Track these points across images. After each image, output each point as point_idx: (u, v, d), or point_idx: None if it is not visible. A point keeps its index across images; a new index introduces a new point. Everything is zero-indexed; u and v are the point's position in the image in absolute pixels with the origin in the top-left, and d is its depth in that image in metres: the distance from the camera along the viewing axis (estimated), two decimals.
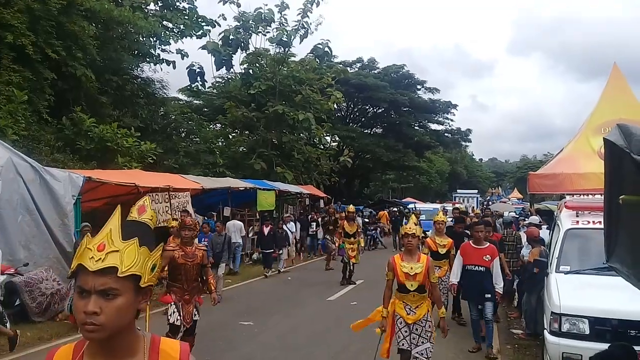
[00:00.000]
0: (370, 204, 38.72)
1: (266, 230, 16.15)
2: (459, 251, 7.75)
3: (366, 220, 25.84)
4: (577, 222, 6.90)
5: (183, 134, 23.88)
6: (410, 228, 5.69)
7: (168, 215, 13.11)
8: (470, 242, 7.64)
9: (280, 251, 16.29)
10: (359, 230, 15.11)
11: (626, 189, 2.76)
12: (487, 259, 7.33)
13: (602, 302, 5.52)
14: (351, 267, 14.23)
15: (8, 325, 8.19)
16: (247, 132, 26.83)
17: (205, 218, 14.95)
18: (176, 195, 13.51)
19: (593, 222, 6.52)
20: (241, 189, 17.86)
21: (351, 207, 15.58)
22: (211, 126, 27.63)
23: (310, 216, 21.79)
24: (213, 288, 6.80)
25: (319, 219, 21.57)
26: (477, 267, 7.37)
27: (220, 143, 26.37)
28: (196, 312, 6.57)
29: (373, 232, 25.10)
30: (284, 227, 17.37)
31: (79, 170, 12.24)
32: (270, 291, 13.27)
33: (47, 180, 10.16)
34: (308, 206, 25.39)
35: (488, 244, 7.60)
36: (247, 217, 18.74)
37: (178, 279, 6.43)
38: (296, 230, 19.34)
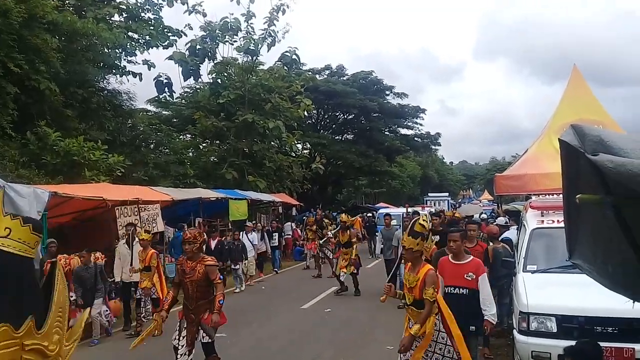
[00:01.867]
0: (343, 210, 38.81)
1: (213, 243, 14.74)
2: (437, 268, 5.90)
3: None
4: (542, 221, 7.03)
5: (152, 146, 23.60)
6: (404, 241, 5.50)
7: (138, 228, 12.94)
8: (449, 256, 5.99)
9: (237, 266, 14.88)
10: (352, 240, 13.77)
11: (582, 188, 2.84)
12: (469, 278, 5.74)
13: (568, 299, 5.63)
14: (353, 279, 13.52)
15: None
16: (217, 141, 26.68)
17: (176, 230, 14.80)
18: (146, 208, 13.33)
19: (558, 221, 6.65)
20: (212, 199, 17.75)
21: (344, 216, 14.79)
22: (181, 137, 27.37)
23: (270, 225, 20.51)
24: (215, 309, 6.07)
25: (290, 226, 21.24)
26: (457, 288, 5.78)
27: (190, 154, 26.14)
28: (204, 335, 6.02)
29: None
30: (244, 237, 16.25)
31: (45, 185, 12.00)
32: (243, 302, 13.19)
33: (12, 197, 9.87)
34: (282, 214, 25.35)
35: (470, 257, 5.98)
36: (220, 228, 18.59)
37: (185, 297, 6.14)
38: (260, 241, 17.80)
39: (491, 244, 8.80)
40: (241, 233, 16.50)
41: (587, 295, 5.30)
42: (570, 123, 7.76)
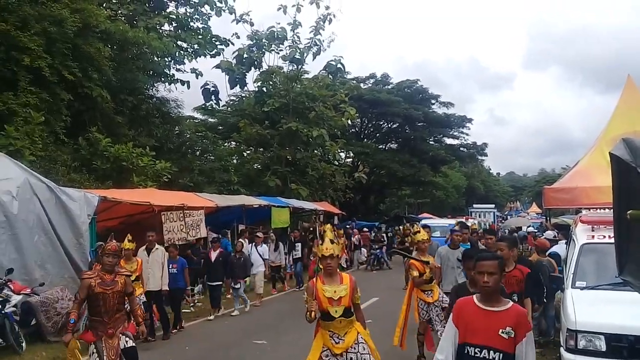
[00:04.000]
0: (386, 220, 38.55)
1: (214, 254, 12.36)
2: (451, 315, 3.77)
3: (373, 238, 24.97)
4: (593, 236, 6.79)
5: (198, 152, 24.06)
6: (327, 249, 5.02)
7: (183, 233, 13.17)
8: (474, 297, 3.65)
9: (237, 285, 12.48)
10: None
11: (634, 204, 2.73)
12: (506, 336, 3.44)
13: (618, 318, 5.42)
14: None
15: (24, 345, 8.25)
16: (261, 149, 26.96)
17: (219, 236, 14.98)
18: (190, 214, 13.57)
19: (609, 236, 6.40)
20: (255, 206, 17.89)
21: (327, 226, 14.10)
22: (226, 144, 27.81)
23: (292, 235, 18.37)
24: (140, 320, 6.08)
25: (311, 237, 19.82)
26: (486, 350, 3.47)
27: (234, 161, 26.50)
28: (127, 339, 5.81)
29: (377, 251, 23.44)
30: (252, 249, 14.33)
31: (94, 190, 12.38)
32: (284, 309, 13.22)
33: (63, 200, 10.28)
34: (322, 222, 25.32)
35: (509, 303, 3.58)
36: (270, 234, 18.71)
37: (97, 312, 5.69)
38: (275, 252, 15.93)
39: (537, 255, 8.59)
40: (246, 243, 14.55)
41: (638, 314, 5.09)
42: (623, 135, 7.48)
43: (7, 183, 9.52)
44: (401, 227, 24.68)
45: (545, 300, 7.44)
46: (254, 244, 14.61)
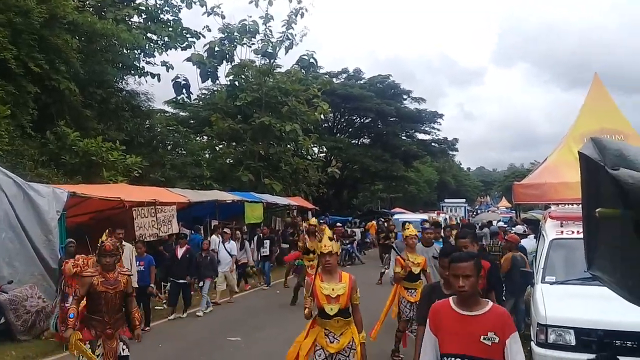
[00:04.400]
0: (359, 215, 38.73)
1: (180, 251, 11.92)
2: (427, 322, 3.45)
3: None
4: (562, 232, 6.94)
5: (169, 147, 23.75)
6: (326, 246, 5.01)
7: (155, 229, 13.03)
8: (451, 299, 3.39)
9: (201, 283, 12.26)
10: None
11: (602, 202, 2.79)
12: (489, 342, 3.16)
13: (587, 312, 5.54)
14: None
15: None
16: (233, 143, 26.79)
17: (192, 232, 14.84)
18: (162, 209, 13.42)
19: (577, 232, 6.55)
20: (228, 201, 17.79)
21: (313, 220, 13.91)
22: (197, 138, 27.54)
23: (261, 232, 17.72)
24: (137, 322, 5.90)
25: (281, 234, 19.90)
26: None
27: (207, 155, 26.28)
28: (124, 347, 5.70)
29: (348, 246, 23.15)
30: (220, 246, 13.82)
31: (63, 185, 12.13)
32: (257, 306, 13.18)
33: (31, 196, 10.06)
34: (296, 218, 25.33)
35: (489, 304, 3.31)
36: (235, 230, 18.62)
37: (98, 310, 5.55)
38: (240, 251, 15.29)
39: (509, 252, 8.71)
40: (219, 239, 14.27)
41: (607, 308, 5.21)
42: (591, 132, 7.69)
43: None
44: (386, 223, 24.34)
45: (511, 295, 7.60)
46: (221, 240, 14.13)
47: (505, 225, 15.81)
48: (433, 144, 44.33)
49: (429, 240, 8.31)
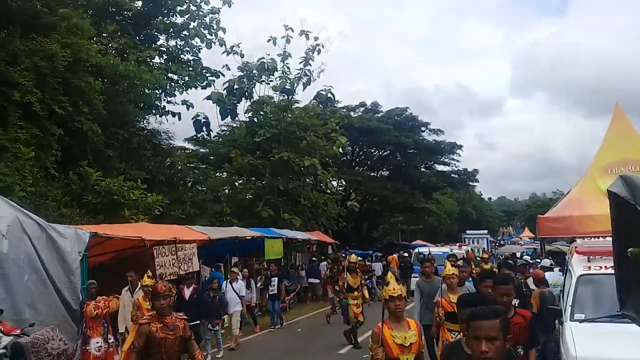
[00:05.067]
0: (379, 248, 38.41)
1: (187, 292, 11.43)
2: None
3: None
4: (589, 267, 6.77)
5: (189, 184, 24.00)
6: (394, 289, 4.70)
7: (175, 268, 13.01)
8: None
9: (216, 327, 11.78)
10: (362, 282, 12.94)
11: (633, 240, 2.72)
12: None
13: (618, 351, 5.35)
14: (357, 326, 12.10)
15: None
16: (253, 179, 26.93)
17: (212, 270, 14.79)
18: (183, 247, 13.42)
19: (605, 267, 6.39)
20: (248, 237, 17.76)
21: (353, 257, 13.45)
22: (217, 174, 27.77)
23: (269, 269, 16.83)
24: None
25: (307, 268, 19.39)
26: None
27: (226, 191, 26.44)
28: None
29: (367, 281, 21.08)
30: (227, 286, 13.17)
31: (85, 225, 12.25)
32: (277, 345, 12.99)
33: (54, 238, 10.13)
34: (316, 252, 25.20)
35: None
36: (255, 267, 18.56)
37: (157, 358, 5.23)
38: (247, 290, 14.36)
39: (536, 288, 8.52)
40: (221, 282, 13.69)
41: (638, 347, 5.03)
42: (615, 163, 7.55)
43: None
44: (424, 254, 23.16)
45: (540, 333, 7.33)
46: (228, 280, 13.58)
47: (531, 261, 15.38)
48: (453, 175, 44.10)
49: (462, 279, 7.78)
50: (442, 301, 7.15)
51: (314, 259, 23.68)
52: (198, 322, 11.04)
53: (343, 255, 23.87)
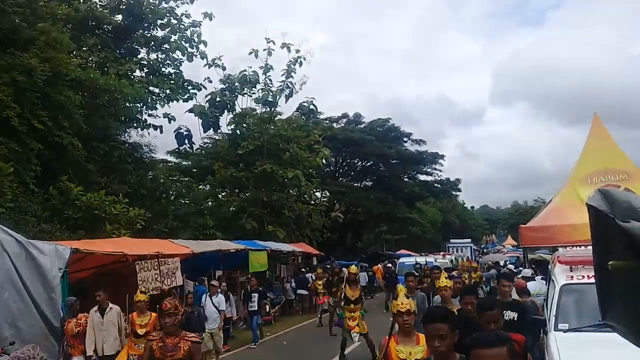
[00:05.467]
0: (364, 258, 38.42)
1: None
2: None
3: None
4: (572, 277, 6.82)
5: (172, 197, 23.79)
6: (402, 304, 4.65)
7: (158, 283, 12.87)
8: None
9: None
10: (362, 295, 12.40)
11: (614, 253, 2.74)
12: None
13: None
14: (367, 341, 11.40)
15: None
16: (236, 191, 26.83)
17: (196, 284, 14.66)
18: (166, 262, 13.28)
19: (587, 276, 6.44)
20: (232, 251, 17.65)
21: (353, 268, 13.24)
22: (200, 187, 27.61)
23: (249, 283, 15.93)
24: None
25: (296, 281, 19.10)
26: None
27: (210, 204, 26.28)
28: None
29: None
30: (207, 301, 12.76)
31: (66, 240, 12.08)
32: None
33: (33, 254, 9.97)
34: (302, 264, 25.12)
35: None
36: (240, 280, 18.43)
37: None
38: (226, 304, 13.55)
39: (519, 298, 8.55)
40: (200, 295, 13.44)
41: (623, 357, 5.05)
42: (594, 172, 7.63)
43: None
44: (421, 265, 21.82)
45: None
46: (207, 294, 13.21)
47: (514, 268, 15.48)
48: (435, 184, 44.44)
49: (457, 291, 7.68)
50: None
51: (303, 270, 23.56)
52: None
53: (328, 266, 23.90)
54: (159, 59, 23.87)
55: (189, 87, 24.59)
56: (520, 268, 14.59)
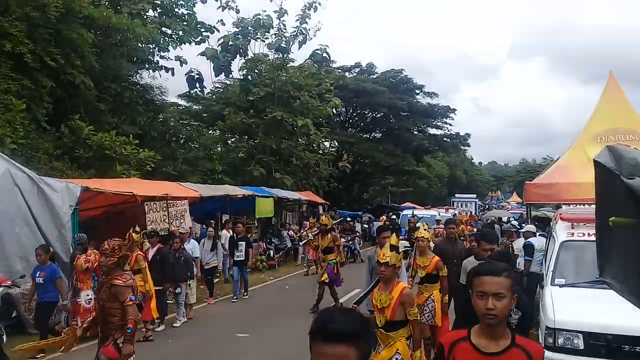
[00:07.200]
0: (368, 209, 38.70)
1: (152, 252, 10.13)
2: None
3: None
4: (573, 234, 6.90)
5: (182, 141, 23.90)
6: (384, 255, 4.78)
7: (166, 224, 13.13)
8: (473, 332, 2.54)
9: (178, 289, 10.41)
10: (336, 243, 11.89)
11: (616, 210, 2.79)
12: None
13: (597, 316, 5.50)
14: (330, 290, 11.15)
15: (4, 337, 8.18)
16: (245, 137, 26.87)
17: (203, 227, 14.90)
18: (174, 204, 13.50)
19: (588, 234, 6.51)
20: (239, 196, 17.86)
21: (324, 218, 12.71)
22: (210, 132, 27.66)
23: (235, 229, 13.85)
24: (125, 336, 4.90)
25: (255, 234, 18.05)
26: None
27: (219, 149, 26.39)
28: None
29: (350, 242, 21.34)
30: (227, 239, 12.33)
31: (77, 179, 12.27)
32: (264, 303, 13.22)
33: (45, 191, 10.17)
34: (306, 212, 25.38)
35: (513, 337, 2.49)
36: (246, 225, 18.69)
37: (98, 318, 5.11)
38: (210, 252, 12.84)
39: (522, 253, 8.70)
40: (223, 235, 13.47)
41: (617, 313, 5.17)
42: (604, 132, 7.59)
43: None
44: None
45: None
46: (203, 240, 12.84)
47: (517, 227, 15.46)
48: (445, 139, 44.11)
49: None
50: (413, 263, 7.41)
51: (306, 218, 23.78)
52: (161, 287, 9.80)
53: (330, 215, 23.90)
54: None
55: (202, 30, 24.23)
56: (523, 224, 14.66)
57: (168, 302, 10.59)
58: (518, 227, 14.30)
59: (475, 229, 15.03)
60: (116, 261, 5.16)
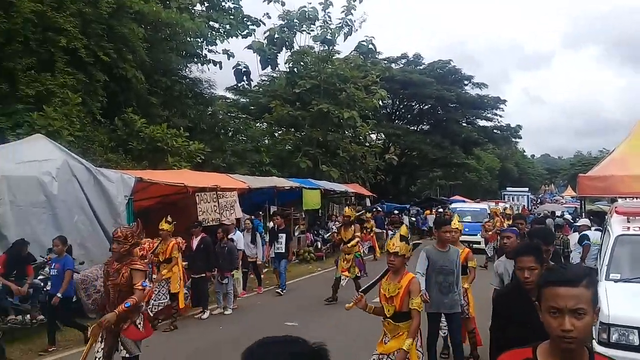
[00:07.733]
0: (416, 202, 38.40)
1: (195, 241, 10.33)
2: None
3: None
4: (628, 227, 6.69)
5: (230, 133, 24.28)
6: (393, 245, 4.83)
7: (217, 214, 13.38)
8: (538, 352, 1.96)
9: (224, 280, 10.54)
10: (356, 234, 11.74)
11: None
12: None
13: None
14: (355, 285, 10.93)
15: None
16: (292, 130, 27.06)
17: (252, 217, 15.13)
18: (224, 195, 13.76)
19: None
20: (287, 188, 18.03)
21: (347, 210, 12.60)
22: (257, 125, 27.98)
23: (275, 222, 13.86)
24: (118, 309, 5.05)
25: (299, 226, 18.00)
26: None
27: (266, 141, 26.68)
28: (121, 347, 5.20)
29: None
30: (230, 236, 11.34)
31: (131, 170, 12.65)
32: (312, 294, 13.31)
33: (101, 181, 10.55)
34: (354, 205, 25.36)
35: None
36: (293, 216, 18.88)
37: (106, 303, 5.35)
38: (251, 244, 12.95)
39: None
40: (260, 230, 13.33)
41: None
42: None
43: (47, 164, 9.81)
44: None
45: None
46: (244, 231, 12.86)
47: (571, 219, 15.10)
48: (495, 130, 43.21)
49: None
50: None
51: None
52: (204, 275, 10.18)
53: (376, 208, 23.78)
54: None
55: (248, 23, 24.53)
56: (578, 218, 14.28)
57: (217, 291, 10.81)
58: (572, 221, 13.93)
59: (508, 223, 14.35)
60: (128, 248, 5.32)
